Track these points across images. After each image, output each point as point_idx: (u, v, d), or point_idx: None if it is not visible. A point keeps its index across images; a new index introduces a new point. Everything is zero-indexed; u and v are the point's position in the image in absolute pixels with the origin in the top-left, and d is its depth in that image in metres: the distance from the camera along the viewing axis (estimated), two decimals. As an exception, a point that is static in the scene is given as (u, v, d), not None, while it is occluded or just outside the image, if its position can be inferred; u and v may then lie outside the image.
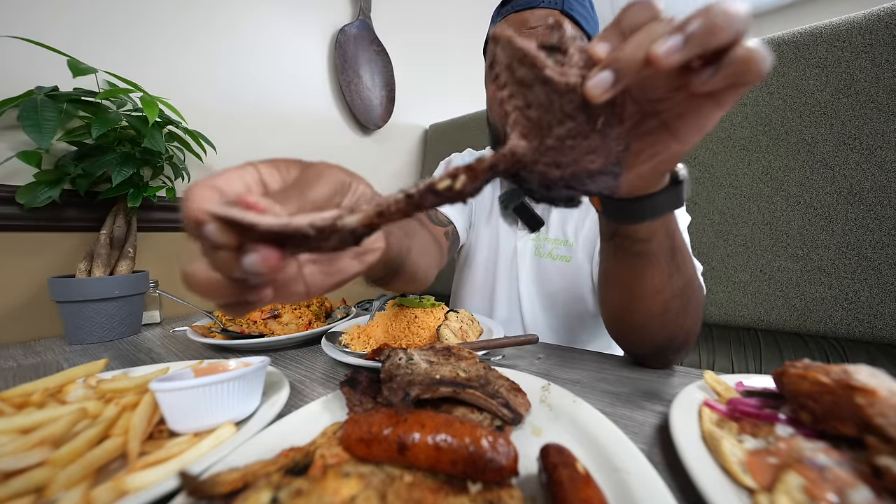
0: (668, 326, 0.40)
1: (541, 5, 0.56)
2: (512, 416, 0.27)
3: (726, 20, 0.19)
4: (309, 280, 0.26)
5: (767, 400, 0.28)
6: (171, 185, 0.78)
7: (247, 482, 0.20)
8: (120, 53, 0.79)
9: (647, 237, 0.35)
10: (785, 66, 0.78)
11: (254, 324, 0.59)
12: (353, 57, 1.26)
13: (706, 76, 0.21)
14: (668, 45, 0.19)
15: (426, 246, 0.55)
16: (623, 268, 0.39)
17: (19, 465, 0.23)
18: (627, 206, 0.33)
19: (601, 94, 0.20)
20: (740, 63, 0.20)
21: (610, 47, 0.21)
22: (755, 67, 0.20)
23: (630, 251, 0.37)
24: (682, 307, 0.40)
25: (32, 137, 0.55)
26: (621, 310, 0.43)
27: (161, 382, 0.29)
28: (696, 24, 0.19)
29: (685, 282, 0.39)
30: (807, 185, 0.77)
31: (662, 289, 0.38)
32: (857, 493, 0.19)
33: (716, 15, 0.19)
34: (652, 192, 0.32)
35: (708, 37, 0.19)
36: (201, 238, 0.19)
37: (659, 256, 0.37)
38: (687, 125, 0.26)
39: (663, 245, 0.36)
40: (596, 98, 0.20)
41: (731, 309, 0.87)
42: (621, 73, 0.20)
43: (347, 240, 0.20)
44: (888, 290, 0.71)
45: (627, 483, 0.21)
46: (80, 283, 0.61)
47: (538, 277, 0.71)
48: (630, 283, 0.39)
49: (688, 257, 0.40)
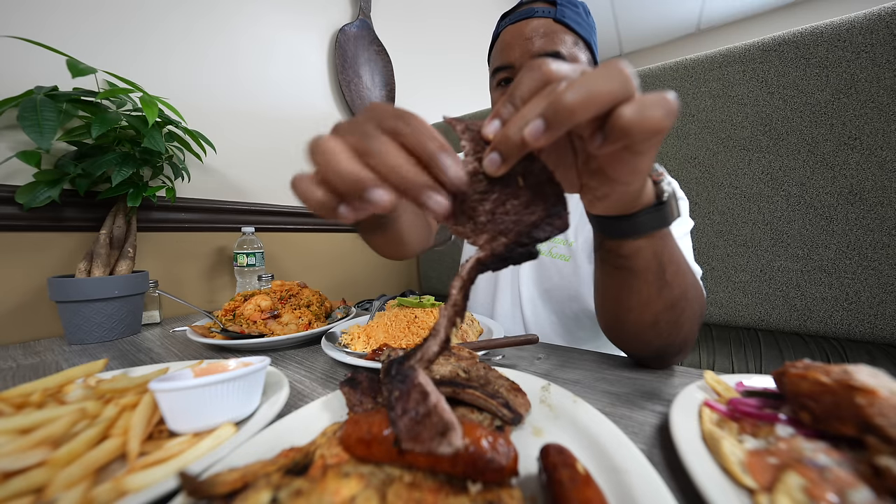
0: (662, 336, 0.40)
1: (535, 16, 0.58)
2: (512, 416, 0.27)
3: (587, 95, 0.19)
4: None
5: (768, 400, 0.28)
6: (171, 184, 0.78)
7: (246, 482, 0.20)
8: (120, 53, 0.79)
9: (631, 254, 0.35)
10: (785, 66, 0.78)
11: (253, 324, 0.59)
12: (353, 56, 1.26)
13: (597, 142, 0.22)
14: (532, 130, 0.20)
15: (417, 222, 0.56)
16: (610, 280, 0.39)
17: (19, 465, 0.23)
18: (607, 223, 0.34)
19: (497, 171, 0.23)
20: (619, 130, 0.20)
21: (499, 126, 0.23)
22: (639, 130, 0.20)
23: (614, 265, 0.37)
24: (675, 319, 0.39)
25: (32, 137, 0.55)
26: (613, 319, 0.43)
27: (161, 382, 0.29)
28: (555, 106, 0.20)
29: (678, 295, 0.38)
30: (807, 185, 0.77)
31: (651, 302, 0.37)
32: (857, 494, 0.19)
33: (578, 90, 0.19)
34: (632, 212, 0.32)
35: (566, 118, 0.20)
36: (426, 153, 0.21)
37: (645, 272, 0.36)
38: (617, 170, 0.26)
39: (650, 262, 0.35)
40: (494, 174, 0.23)
41: (732, 309, 0.87)
42: (506, 154, 0.22)
43: None
44: (888, 290, 0.71)
45: (627, 483, 0.21)
46: (79, 283, 0.61)
47: (538, 275, 0.71)
48: (618, 295, 0.39)
49: (681, 271, 0.38)
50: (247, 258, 0.90)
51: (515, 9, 0.62)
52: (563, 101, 0.19)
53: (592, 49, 0.61)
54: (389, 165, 0.21)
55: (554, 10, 0.58)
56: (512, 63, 0.58)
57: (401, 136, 0.22)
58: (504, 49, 0.59)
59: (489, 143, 0.24)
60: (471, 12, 1.88)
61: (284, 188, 1.11)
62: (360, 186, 0.21)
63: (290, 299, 0.66)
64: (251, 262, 0.91)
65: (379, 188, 0.21)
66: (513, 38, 0.58)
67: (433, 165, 0.21)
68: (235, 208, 0.99)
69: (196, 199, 0.91)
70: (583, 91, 0.19)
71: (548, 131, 0.20)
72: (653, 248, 0.35)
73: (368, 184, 0.21)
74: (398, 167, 0.21)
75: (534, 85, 0.22)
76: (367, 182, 0.21)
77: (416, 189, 0.21)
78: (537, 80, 0.22)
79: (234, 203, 0.99)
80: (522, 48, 0.57)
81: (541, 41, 0.56)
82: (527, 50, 0.57)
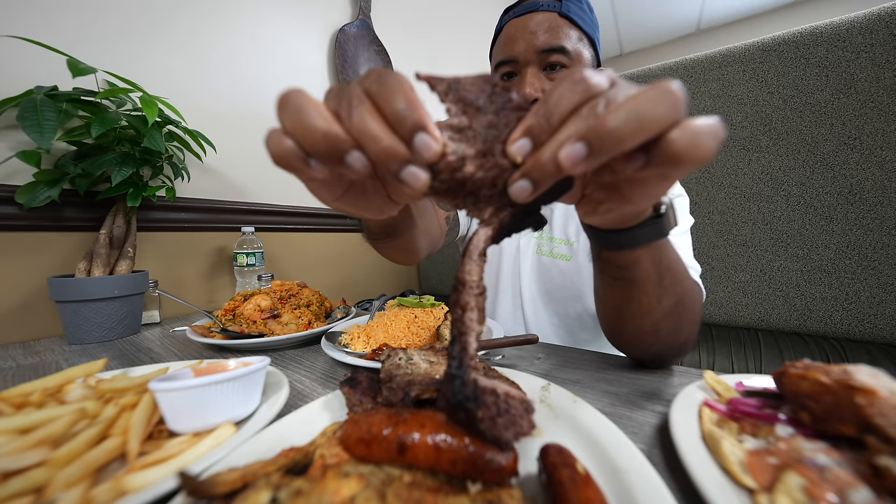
0: (662, 340, 0.40)
1: (540, 9, 0.57)
2: (512, 416, 0.27)
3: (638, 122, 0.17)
4: (348, 195, 0.26)
5: (767, 400, 0.28)
6: (171, 184, 0.78)
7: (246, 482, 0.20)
8: (119, 53, 0.79)
9: (630, 264, 0.34)
10: (785, 66, 0.78)
11: (253, 324, 0.59)
12: (353, 56, 1.26)
13: (637, 165, 0.20)
14: (571, 155, 0.18)
15: (429, 226, 0.56)
16: (608, 290, 0.39)
17: (18, 465, 0.23)
18: (604, 235, 0.33)
19: (527, 199, 0.21)
20: (668, 157, 0.18)
21: (529, 147, 0.20)
22: (688, 159, 0.18)
23: (613, 276, 0.37)
24: (675, 324, 0.39)
25: (32, 137, 0.55)
26: (613, 326, 0.43)
27: (160, 382, 0.29)
28: (601, 130, 0.18)
29: (676, 301, 0.38)
30: (807, 184, 0.77)
31: (651, 310, 0.37)
32: (857, 494, 0.19)
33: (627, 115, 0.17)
34: (629, 226, 0.31)
35: (613, 145, 0.18)
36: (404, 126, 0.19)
37: (645, 282, 0.35)
38: (636, 192, 0.24)
39: (649, 272, 0.35)
40: (522, 201, 0.21)
41: (732, 309, 0.87)
42: (539, 181, 0.20)
43: None
44: (888, 290, 0.71)
45: (627, 483, 0.21)
46: (79, 282, 0.61)
47: (539, 275, 0.71)
48: (617, 304, 0.39)
49: (680, 277, 0.38)
50: (246, 258, 0.90)
51: (520, 2, 0.61)
52: (611, 127, 0.17)
53: (596, 46, 0.61)
54: (363, 131, 0.19)
55: (559, 4, 0.57)
56: (515, 57, 0.57)
57: (378, 101, 0.19)
58: (508, 42, 0.59)
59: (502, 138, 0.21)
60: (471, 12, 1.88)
61: (284, 188, 1.11)
62: (333, 145, 0.19)
63: (290, 299, 0.66)
64: (251, 262, 0.91)
65: (355, 151, 0.19)
66: (517, 31, 0.57)
67: (407, 139, 0.19)
68: (235, 208, 0.99)
69: (196, 199, 0.91)
70: (633, 116, 0.17)
71: (589, 158, 0.18)
72: (651, 258, 0.34)
73: (343, 144, 0.19)
74: (373, 134, 0.19)
75: (575, 100, 0.19)
76: (341, 142, 0.19)
77: (391, 160, 0.19)
78: (579, 95, 0.19)
79: (234, 203, 0.99)
80: (527, 42, 0.56)
81: (545, 35, 0.55)
82: (531, 44, 0.56)
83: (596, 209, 0.28)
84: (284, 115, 0.20)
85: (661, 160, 0.19)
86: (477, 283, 0.22)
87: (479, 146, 0.22)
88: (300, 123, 0.19)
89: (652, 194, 0.24)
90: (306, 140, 0.19)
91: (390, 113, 0.19)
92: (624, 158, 0.20)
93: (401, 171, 0.20)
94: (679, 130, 0.18)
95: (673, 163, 0.18)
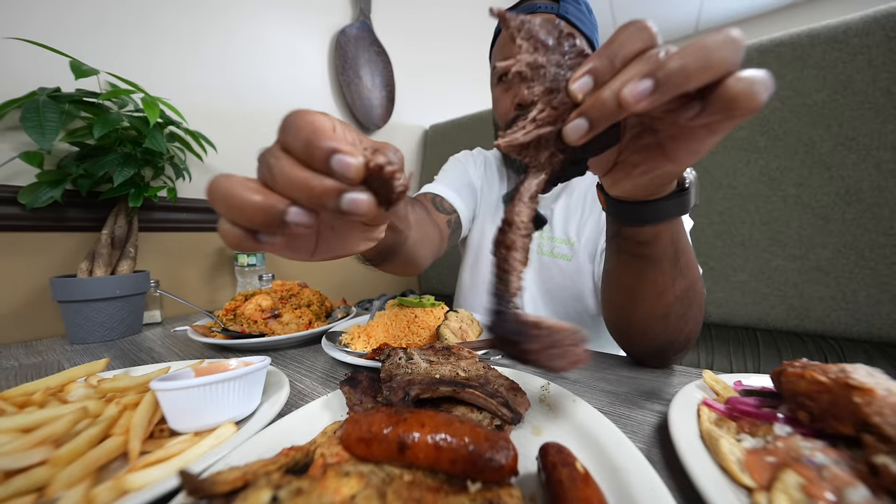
0: (670, 329, 0.40)
1: (539, 11, 0.58)
2: (511, 415, 0.27)
3: (704, 61, 0.18)
4: (320, 244, 0.26)
5: (766, 399, 0.28)
6: (173, 185, 0.78)
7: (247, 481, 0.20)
8: (122, 55, 0.79)
9: (650, 240, 0.35)
10: (782, 68, 0.78)
11: (254, 323, 0.59)
12: (354, 58, 1.26)
13: (692, 112, 0.21)
14: (637, 90, 0.19)
15: (427, 234, 0.56)
16: (625, 269, 0.39)
17: (20, 463, 0.23)
18: (629, 209, 0.33)
19: (580, 140, 0.21)
20: (726, 102, 0.19)
21: (591, 84, 0.21)
22: (744, 105, 0.19)
23: (632, 253, 0.37)
24: (684, 311, 0.39)
25: (34, 138, 0.55)
26: (623, 311, 0.43)
27: (162, 382, 0.29)
28: (668, 68, 0.18)
29: (688, 285, 0.38)
30: (804, 185, 0.78)
31: (665, 292, 0.38)
32: (854, 492, 0.19)
33: (694, 54, 0.18)
34: (655, 197, 0.32)
35: (680, 81, 0.18)
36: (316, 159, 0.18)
37: (662, 260, 0.36)
38: (680, 148, 0.25)
39: (667, 249, 0.36)
40: (573, 143, 0.22)
41: (730, 308, 0.87)
42: (596, 121, 0.21)
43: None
44: (885, 290, 0.71)
45: (626, 482, 0.21)
46: (81, 282, 0.61)
47: (540, 275, 0.71)
48: (632, 285, 0.39)
49: (692, 262, 0.39)
50: (247, 258, 0.90)
51: (519, 4, 0.62)
52: (679, 64, 0.18)
53: (594, 48, 0.61)
54: (286, 185, 0.19)
55: (557, 5, 0.58)
56: None
57: (290, 149, 0.19)
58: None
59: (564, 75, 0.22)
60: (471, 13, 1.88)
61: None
62: (268, 213, 0.19)
63: (291, 299, 0.66)
64: (252, 262, 0.91)
65: (291, 207, 0.19)
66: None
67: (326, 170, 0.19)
68: (236, 209, 0.99)
69: (197, 200, 0.91)
70: (702, 55, 0.18)
71: (655, 94, 0.18)
72: (670, 236, 0.35)
73: (277, 206, 0.19)
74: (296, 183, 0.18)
75: (638, 46, 0.20)
76: (274, 205, 0.19)
77: (324, 198, 0.19)
78: (643, 42, 0.20)
79: (235, 204, 0.99)
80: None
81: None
82: None
83: (630, 173, 0.29)
84: (217, 204, 0.19)
85: (718, 106, 0.19)
86: (525, 224, 0.23)
87: (547, 84, 0.23)
88: (233, 206, 0.19)
89: (696, 150, 0.25)
90: (243, 219, 0.19)
91: (301, 155, 0.19)
92: (679, 106, 0.21)
93: (339, 204, 0.19)
94: (736, 77, 0.19)
95: (729, 108, 0.19)
